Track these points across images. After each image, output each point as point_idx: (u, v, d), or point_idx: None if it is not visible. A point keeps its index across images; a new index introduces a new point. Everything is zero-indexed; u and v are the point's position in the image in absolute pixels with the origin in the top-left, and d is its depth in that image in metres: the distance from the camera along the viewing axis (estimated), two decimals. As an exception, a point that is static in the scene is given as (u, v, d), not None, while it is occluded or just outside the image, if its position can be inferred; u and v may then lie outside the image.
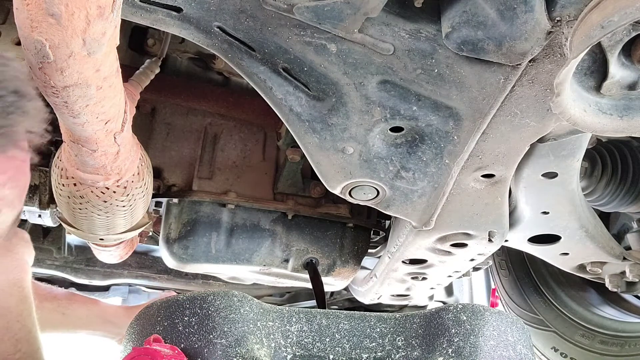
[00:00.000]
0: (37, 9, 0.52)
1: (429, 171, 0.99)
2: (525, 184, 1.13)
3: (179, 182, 1.46)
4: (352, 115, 0.90)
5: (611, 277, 1.50)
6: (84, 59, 0.59)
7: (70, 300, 1.25)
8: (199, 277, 2.19)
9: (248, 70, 0.85)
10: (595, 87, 0.76)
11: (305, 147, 0.96)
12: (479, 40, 0.72)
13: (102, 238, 1.18)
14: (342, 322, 0.64)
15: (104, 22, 0.57)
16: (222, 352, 0.54)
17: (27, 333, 0.73)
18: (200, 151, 1.48)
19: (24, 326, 0.72)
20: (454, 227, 1.18)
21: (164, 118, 1.47)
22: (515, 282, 2.15)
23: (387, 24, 0.76)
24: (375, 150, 0.96)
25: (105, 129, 0.76)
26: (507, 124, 0.88)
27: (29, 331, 0.73)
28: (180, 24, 0.80)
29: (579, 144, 1.02)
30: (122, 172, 0.92)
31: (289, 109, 0.90)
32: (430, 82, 0.83)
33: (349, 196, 1.07)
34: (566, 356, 2.00)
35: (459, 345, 0.59)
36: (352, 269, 1.59)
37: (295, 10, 0.72)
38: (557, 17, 0.67)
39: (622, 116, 0.77)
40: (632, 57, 0.72)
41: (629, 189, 1.41)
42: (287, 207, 1.49)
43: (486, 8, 0.68)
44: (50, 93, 0.63)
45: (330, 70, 0.82)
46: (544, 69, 0.76)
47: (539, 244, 1.34)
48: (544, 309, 2.07)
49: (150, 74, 1.17)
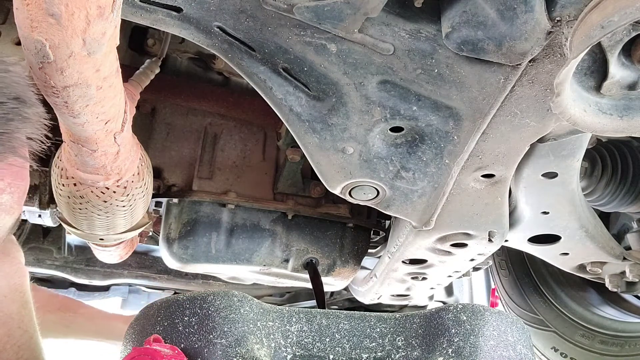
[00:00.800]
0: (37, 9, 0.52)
1: (429, 171, 0.99)
2: (525, 184, 1.13)
3: (179, 182, 1.46)
4: (352, 115, 0.90)
5: (611, 277, 1.51)
6: (84, 59, 0.59)
7: (75, 314, 1.21)
8: (199, 277, 2.19)
9: (248, 70, 0.85)
10: (595, 87, 0.76)
11: (305, 147, 0.96)
12: (479, 40, 0.72)
13: (102, 238, 1.18)
14: (342, 322, 0.64)
15: (104, 22, 0.57)
16: (222, 352, 0.54)
17: (29, 339, 0.71)
18: (200, 151, 1.48)
19: (26, 332, 0.71)
20: (454, 227, 1.18)
21: (164, 118, 1.48)
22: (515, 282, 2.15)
23: (387, 24, 0.76)
24: (375, 150, 0.96)
25: (105, 129, 0.76)
26: (507, 124, 0.88)
27: (31, 337, 0.72)
28: (180, 24, 0.80)
29: (579, 144, 1.02)
30: (122, 172, 0.92)
31: (289, 109, 0.90)
32: (430, 82, 0.83)
33: (349, 196, 1.07)
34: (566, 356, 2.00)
35: (459, 345, 0.59)
36: (352, 269, 1.59)
37: (295, 10, 0.72)
38: (557, 17, 0.67)
39: (622, 116, 0.77)
40: (632, 57, 0.72)
41: (629, 189, 1.41)
42: (287, 207, 1.49)
43: (486, 8, 0.68)
44: (50, 93, 0.63)
45: (330, 70, 0.82)
46: (544, 69, 0.76)
47: (539, 244, 1.34)
48: (544, 309, 2.07)
49: (150, 74, 1.17)
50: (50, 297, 1.19)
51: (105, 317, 1.27)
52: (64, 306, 1.20)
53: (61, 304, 1.19)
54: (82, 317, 1.20)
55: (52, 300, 1.18)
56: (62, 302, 1.22)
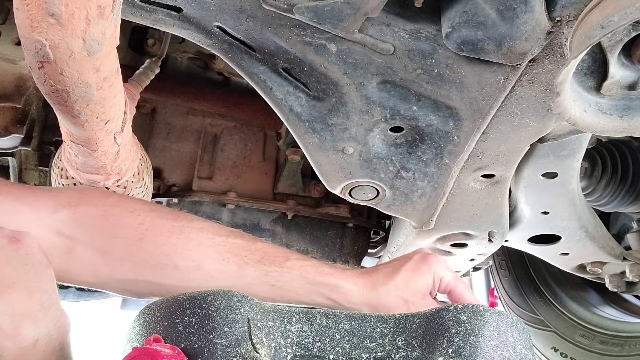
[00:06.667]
0: (37, 9, 0.52)
1: (429, 171, 0.99)
2: (525, 184, 1.13)
3: (179, 182, 1.46)
4: (352, 115, 0.90)
5: (611, 277, 1.51)
6: (84, 59, 0.59)
7: (282, 268, 0.85)
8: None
9: (248, 70, 0.85)
10: (595, 87, 0.76)
11: (305, 147, 0.96)
12: (479, 40, 0.72)
13: (102, 238, 1.17)
14: (342, 322, 0.64)
15: (104, 22, 0.57)
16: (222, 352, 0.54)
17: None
18: (200, 151, 1.48)
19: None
20: (454, 227, 1.19)
21: (164, 118, 1.48)
22: (515, 282, 2.15)
23: (387, 24, 0.76)
24: (375, 150, 0.96)
25: (105, 129, 0.76)
26: (507, 124, 0.88)
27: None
28: (180, 24, 0.80)
29: (579, 144, 1.02)
30: (122, 172, 0.92)
31: (289, 109, 0.90)
32: (430, 82, 0.83)
33: (349, 196, 1.07)
34: (566, 356, 2.00)
35: (459, 346, 0.59)
36: (352, 269, 1.59)
37: (295, 10, 0.72)
38: (557, 17, 0.67)
39: (622, 116, 0.77)
40: (632, 57, 0.72)
41: (629, 189, 1.41)
42: (287, 207, 1.50)
43: (486, 8, 0.68)
44: (50, 93, 0.63)
45: (330, 70, 0.82)
46: (544, 69, 0.76)
47: (539, 244, 1.34)
48: (544, 309, 2.07)
49: (150, 74, 1.17)
50: (249, 243, 0.86)
51: (322, 273, 0.87)
52: (267, 256, 0.86)
53: (263, 254, 0.86)
54: (292, 271, 0.86)
55: (250, 247, 0.86)
56: (263, 250, 0.87)
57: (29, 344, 0.54)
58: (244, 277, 0.83)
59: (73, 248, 0.76)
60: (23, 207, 0.74)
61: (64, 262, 0.76)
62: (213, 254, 0.82)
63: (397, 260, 0.94)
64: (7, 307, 0.53)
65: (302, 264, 0.87)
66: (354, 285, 0.87)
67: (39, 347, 0.55)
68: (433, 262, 0.90)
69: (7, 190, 0.76)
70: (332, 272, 0.88)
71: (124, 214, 0.80)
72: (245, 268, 0.83)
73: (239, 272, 0.83)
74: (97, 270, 0.78)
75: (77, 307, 1.97)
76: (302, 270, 0.86)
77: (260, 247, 0.86)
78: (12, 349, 0.52)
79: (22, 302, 0.54)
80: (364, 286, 0.88)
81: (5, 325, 0.52)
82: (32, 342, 0.54)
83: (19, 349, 0.53)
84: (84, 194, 0.82)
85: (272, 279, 0.84)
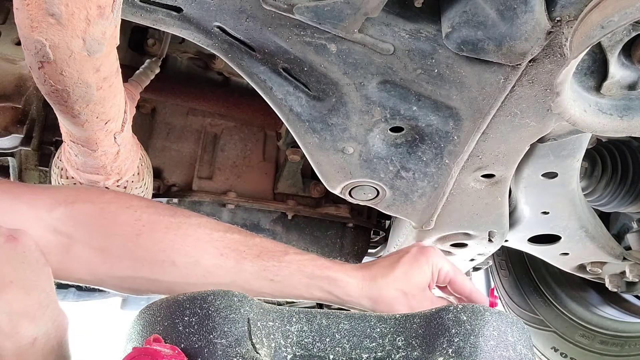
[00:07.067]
0: (37, 9, 0.52)
1: (429, 171, 0.99)
2: (525, 184, 1.13)
3: (179, 182, 1.46)
4: (352, 115, 0.90)
5: (611, 277, 1.51)
6: (84, 59, 0.59)
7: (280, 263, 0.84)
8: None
9: (248, 70, 0.85)
10: (595, 87, 0.76)
11: (305, 147, 0.96)
12: (479, 40, 0.72)
13: (102, 238, 1.17)
14: (342, 322, 0.64)
15: (104, 22, 0.57)
16: (222, 352, 0.54)
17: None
18: (200, 151, 1.48)
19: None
20: (454, 227, 1.19)
21: (164, 118, 1.48)
22: (515, 282, 2.15)
23: (387, 24, 0.76)
24: (375, 150, 0.96)
25: (105, 129, 0.76)
26: (507, 124, 0.88)
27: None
28: (180, 24, 0.80)
29: (579, 144, 1.02)
30: (122, 172, 0.92)
31: (289, 109, 0.90)
32: (430, 82, 0.83)
33: (349, 196, 1.07)
34: (566, 356, 2.00)
35: (459, 346, 0.59)
36: (352, 269, 1.59)
37: (295, 10, 0.72)
38: (557, 17, 0.67)
39: (622, 116, 0.77)
40: (632, 57, 0.72)
41: (629, 189, 1.41)
42: (287, 207, 1.50)
43: (486, 8, 0.68)
44: (50, 93, 0.63)
45: (330, 70, 0.82)
46: (544, 69, 0.76)
47: (539, 244, 1.34)
48: (544, 309, 2.07)
49: (150, 74, 1.17)
50: (247, 238, 0.85)
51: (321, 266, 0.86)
52: (265, 251, 0.84)
53: (261, 249, 0.84)
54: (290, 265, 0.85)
55: (248, 242, 0.85)
56: (261, 245, 0.85)
57: (27, 343, 0.54)
58: (243, 272, 0.82)
59: (70, 246, 0.76)
60: (20, 205, 0.74)
61: (61, 260, 0.76)
62: (211, 250, 0.82)
63: (395, 253, 0.93)
64: (5, 306, 0.53)
65: (301, 258, 0.86)
66: (352, 279, 0.86)
67: (38, 346, 0.55)
68: (431, 254, 0.90)
69: (4, 188, 0.76)
70: (330, 265, 0.87)
71: (120, 211, 0.80)
72: (243, 263, 0.82)
73: (237, 267, 0.82)
74: (95, 267, 0.78)
75: (77, 307, 1.96)
76: (300, 265, 0.85)
77: (258, 242, 0.86)
78: (10, 348, 0.52)
79: (20, 300, 0.54)
80: (363, 279, 0.87)
81: (4, 324, 0.52)
82: (30, 341, 0.54)
83: (18, 347, 0.53)
84: (81, 192, 0.82)
85: (271, 274, 0.84)
